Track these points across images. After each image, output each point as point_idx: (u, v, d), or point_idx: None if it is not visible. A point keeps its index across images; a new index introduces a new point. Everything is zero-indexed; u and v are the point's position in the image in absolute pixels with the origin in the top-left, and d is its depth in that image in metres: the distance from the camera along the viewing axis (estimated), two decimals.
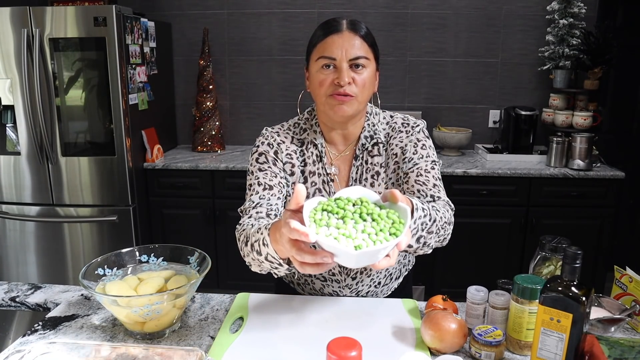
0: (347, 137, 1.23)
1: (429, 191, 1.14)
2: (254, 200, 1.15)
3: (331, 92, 1.12)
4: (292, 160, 1.23)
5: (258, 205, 1.14)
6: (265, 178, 1.18)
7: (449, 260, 2.83)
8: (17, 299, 1.26)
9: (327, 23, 1.15)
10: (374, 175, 1.21)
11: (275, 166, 1.21)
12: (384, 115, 1.27)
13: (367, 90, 1.14)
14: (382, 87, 3.17)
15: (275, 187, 1.17)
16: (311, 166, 1.22)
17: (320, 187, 1.22)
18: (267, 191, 1.16)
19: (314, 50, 1.15)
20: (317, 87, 1.14)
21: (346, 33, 1.11)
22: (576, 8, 2.86)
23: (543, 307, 0.90)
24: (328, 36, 1.12)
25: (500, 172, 2.66)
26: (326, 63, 1.11)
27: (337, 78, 1.10)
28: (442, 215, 1.05)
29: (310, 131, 1.23)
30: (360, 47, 1.12)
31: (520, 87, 3.18)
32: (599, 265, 2.74)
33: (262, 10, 3.18)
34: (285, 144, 1.23)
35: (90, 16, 2.49)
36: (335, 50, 1.10)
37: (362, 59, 1.11)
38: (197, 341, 1.07)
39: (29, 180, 2.71)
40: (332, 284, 1.29)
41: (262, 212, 1.12)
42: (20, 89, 2.58)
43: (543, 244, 1.14)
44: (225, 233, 2.87)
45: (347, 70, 1.10)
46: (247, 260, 1.06)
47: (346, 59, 1.10)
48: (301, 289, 1.36)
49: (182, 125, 3.39)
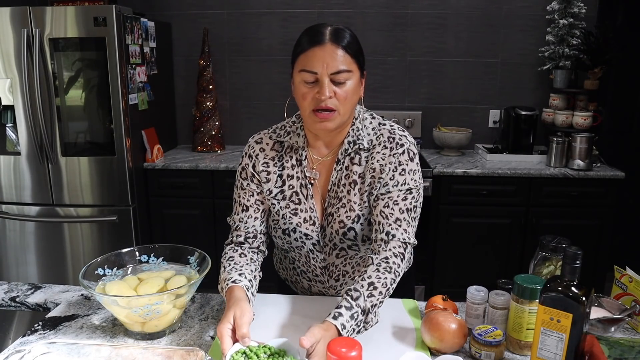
0: (330, 142, 1.22)
1: (388, 226, 1.13)
2: (235, 220, 1.26)
3: (314, 107, 1.11)
4: (268, 168, 1.23)
5: (237, 228, 1.25)
6: (244, 198, 1.25)
7: (449, 260, 2.83)
8: (17, 299, 1.26)
9: (311, 31, 1.12)
10: (351, 183, 1.19)
11: (253, 183, 1.24)
12: (371, 120, 1.23)
13: (350, 101, 1.12)
14: (382, 87, 3.17)
15: (251, 208, 1.24)
16: (289, 170, 1.22)
17: (297, 190, 1.21)
18: (244, 213, 1.25)
19: (297, 60, 1.13)
20: (300, 99, 1.14)
21: (328, 45, 1.08)
22: (576, 8, 2.86)
23: (543, 307, 0.90)
24: (310, 48, 1.09)
25: (500, 172, 2.66)
26: (308, 78, 1.10)
27: (318, 92, 1.09)
28: (381, 289, 1.05)
29: (293, 134, 1.23)
30: (343, 61, 1.09)
31: (520, 87, 3.18)
32: (599, 265, 2.74)
33: (262, 10, 3.18)
34: (265, 152, 1.24)
35: (90, 16, 2.49)
36: (316, 63, 1.08)
37: (343, 73, 1.09)
38: (197, 341, 1.07)
39: (29, 180, 2.71)
40: (317, 284, 1.32)
41: (241, 235, 1.24)
42: (20, 89, 2.58)
43: (543, 244, 1.14)
44: (225, 233, 2.84)
45: (328, 84, 1.08)
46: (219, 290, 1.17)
47: (327, 73, 1.08)
48: (294, 286, 1.39)
49: (182, 125, 3.39)
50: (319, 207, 1.22)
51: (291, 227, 1.22)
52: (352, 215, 1.18)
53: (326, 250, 1.24)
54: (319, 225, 1.22)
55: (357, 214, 1.18)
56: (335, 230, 1.20)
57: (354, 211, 1.18)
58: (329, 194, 1.21)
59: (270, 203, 1.23)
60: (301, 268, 1.31)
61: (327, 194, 1.21)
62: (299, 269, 1.33)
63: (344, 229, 1.19)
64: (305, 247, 1.24)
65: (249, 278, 1.13)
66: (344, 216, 1.19)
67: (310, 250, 1.25)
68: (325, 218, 1.22)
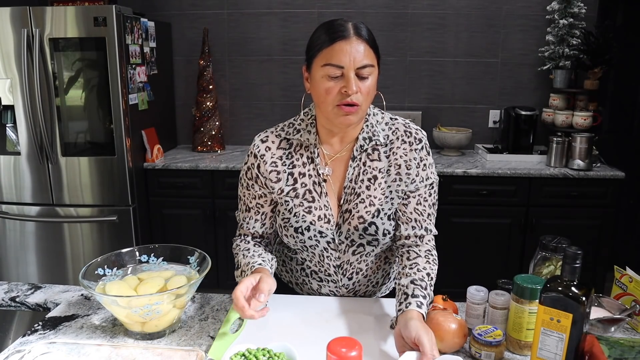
0: (344, 138, 1.21)
1: (424, 223, 1.22)
2: (240, 218, 1.30)
3: (338, 102, 1.10)
4: (277, 167, 1.21)
5: (240, 227, 1.30)
6: (248, 197, 1.27)
7: (449, 260, 2.83)
8: (17, 299, 1.26)
9: (332, 26, 1.11)
10: (370, 178, 1.19)
11: (257, 184, 1.23)
12: (382, 115, 1.25)
13: (370, 97, 1.14)
14: (382, 87, 3.15)
15: (252, 210, 1.26)
16: (301, 167, 1.21)
17: (310, 188, 1.21)
18: (246, 213, 1.28)
19: (319, 55, 1.11)
20: (322, 95, 1.11)
21: (354, 39, 1.08)
22: (576, 8, 2.86)
23: (543, 307, 0.90)
24: (335, 42, 1.08)
25: (500, 172, 2.66)
26: (334, 72, 1.09)
27: (345, 87, 1.08)
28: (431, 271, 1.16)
29: (304, 132, 1.22)
30: (367, 55, 1.10)
31: (520, 87, 3.18)
32: (599, 265, 2.74)
33: (262, 10, 3.18)
34: (271, 151, 1.22)
35: (90, 16, 2.49)
36: (343, 58, 1.07)
37: (367, 68, 1.10)
38: (197, 341, 1.07)
39: (29, 180, 2.71)
40: (329, 284, 1.29)
41: (247, 235, 1.29)
42: (20, 89, 2.58)
43: (543, 244, 1.14)
44: (225, 233, 2.87)
45: (354, 79, 1.08)
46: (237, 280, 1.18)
47: (354, 68, 1.08)
48: (299, 289, 1.36)
49: (182, 125, 3.39)
50: (334, 204, 1.21)
51: (304, 225, 1.20)
52: (372, 210, 1.18)
53: (341, 248, 1.22)
54: (334, 222, 1.21)
55: (377, 208, 1.19)
56: (354, 227, 1.19)
57: (374, 206, 1.19)
58: (345, 190, 1.20)
59: (283, 201, 1.21)
60: (312, 268, 1.29)
61: (343, 191, 1.21)
62: (309, 270, 1.30)
63: (365, 224, 1.18)
64: (319, 246, 1.22)
65: (270, 263, 1.20)
66: (364, 211, 1.18)
67: (324, 249, 1.23)
68: (341, 215, 1.20)
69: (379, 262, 1.29)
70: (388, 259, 1.31)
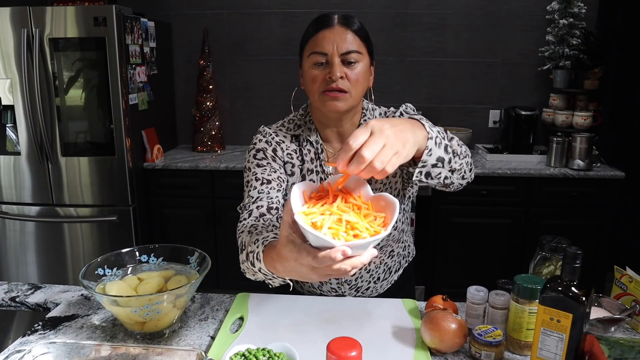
0: (342, 134, 1.21)
1: None
2: (253, 195, 1.13)
3: (324, 89, 1.10)
4: (293, 160, 1.22)
5: (258, 199, 1.11)
6: (263, 173, 1.17)
7: (449, 260, 2.83)
8: (17, 299, 1.26)
9: (318, 18, 1.15)
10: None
11: (275, 162, 1.20)
12: (379, 111, 1.25)
13: (361, 85, 1.13)
14: (382, 87, 3.17)
15: (274, 182, 1.16)
16: (309, 164, 1.22)
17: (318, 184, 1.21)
18: (265, 185, 1.14)
19: (306, 46, 1.14)
20: (310, 84, 1.13)
21: (337, 27, 1.11)
22: (576, 8, 2.86)
23: (543, 307, 0.90)
24: (319, 31, 1.11)
25: (500, 172, 2.66)
26: (318, 59, 1.10)
27: (329, 73, 1.09)
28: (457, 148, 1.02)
29: (304, 128, 1.23)
30: (353, 42, 1.10)
31: (520, 87, 3.18)
32: (599, 265, 2.74)
33: (262, 10, 3.18)
34: (285, 144, 1.22)
35: (90, 16, 2.49)
36: (327, 44, 1.09)
37: (354, 54, 1.10)
38: (197, 341, 1.07)
39: (29, 180, 2.71)
40: (331, 280, 1.29)
41: (262, 206, 1.10)
42: (20, 89, 2.58)
43: (543, 244, 1.14)
44: (225, 233, 2.87)
45: (339, 64, 1.09)
46: (242, 267, 1.04)
47: (338, 54, 1.09)
48: (300, 286, 1.36)
49: (182, 125, 3.39)
50: None
51: None
52: None
53: None
54: None
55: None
56: None
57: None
58: None
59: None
60: None
61: None
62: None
63: None
64: None
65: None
66: None
67: None
68: None
69: (382, 255, 1.29)
70: (392, 252, 1.31)
